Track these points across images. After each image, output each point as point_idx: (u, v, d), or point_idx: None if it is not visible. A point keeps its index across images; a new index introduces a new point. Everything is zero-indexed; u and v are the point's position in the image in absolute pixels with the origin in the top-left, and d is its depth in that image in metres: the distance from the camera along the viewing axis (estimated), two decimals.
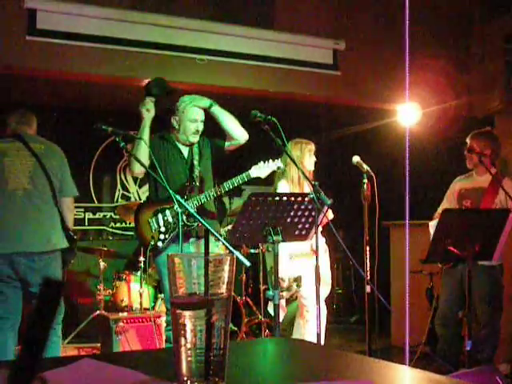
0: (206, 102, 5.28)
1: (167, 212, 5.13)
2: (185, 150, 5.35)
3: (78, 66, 6.83)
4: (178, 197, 4.18)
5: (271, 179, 6.22)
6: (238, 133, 5.33)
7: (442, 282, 5.99)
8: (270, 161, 5.55)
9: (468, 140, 5.97)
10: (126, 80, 7.39)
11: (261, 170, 5.43)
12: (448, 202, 6.08)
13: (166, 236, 5.08)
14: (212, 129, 5.41)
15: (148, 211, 5.17)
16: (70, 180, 5.49)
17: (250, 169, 5.39)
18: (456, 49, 8.58)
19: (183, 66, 7.15)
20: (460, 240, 4.80)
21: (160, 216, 5.12)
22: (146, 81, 7.35)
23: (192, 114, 5.25)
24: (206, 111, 5.30)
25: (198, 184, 5.24)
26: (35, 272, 5.03)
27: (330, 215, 5.97)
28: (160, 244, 5.09)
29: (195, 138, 5.29)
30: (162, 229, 5.10)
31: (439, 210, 6.15)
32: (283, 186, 5.97)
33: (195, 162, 5.29)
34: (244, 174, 5.29)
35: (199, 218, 3.85)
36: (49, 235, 5.13)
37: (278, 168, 5.58)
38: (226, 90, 7.57)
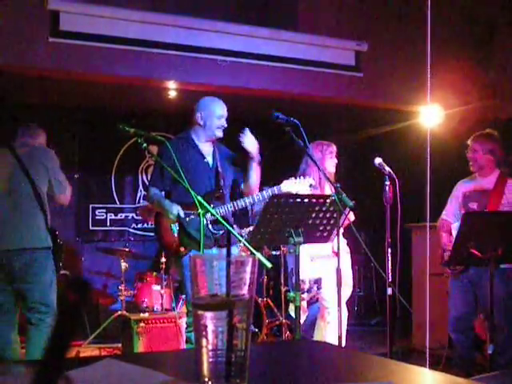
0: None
1: (192, 217, 5.03)
2: (208, 155, 5.29)
3: (101, 67, 6.86)
4: (203, 201, 4.19)
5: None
6: (255, 188, 5.37)
7: (451, 286, 5.94)
8: (302, 177, 5.53)
9: (470, 142, 5.94)
10: (149, 81, 7.42)
11: (292, 186, 5.40)
12: (452, 206, 6.04)
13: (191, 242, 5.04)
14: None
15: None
16: (60, 178, 5.54)
17: (275, 180, 5.37)
18: (480, 49, 8.53)
19: (205, 68, 7.16)
20: (482, 243, 4.77)
21: (184, 221, 5.04)
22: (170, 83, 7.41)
23: (219, 110, 5.22)
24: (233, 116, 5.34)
25: (224, 192, 5.20)
26: (16, 269, 5.23)
27: (352, 217, 5.96)
28: (182, 249, 5.04)
29: (220, 134, 5.24)
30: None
31: (443, 216, 6.13)
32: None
33: (220, 170, 5.25)
34: (275, 188, 5.28)
35: (223, 221, 3.86)
36: (26, 234, 5.26)
37: (310, 185, 5.54)
38: (248, 91, 7.57)
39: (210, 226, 4.94)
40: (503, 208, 5.69)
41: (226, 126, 5.26)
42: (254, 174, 5.29)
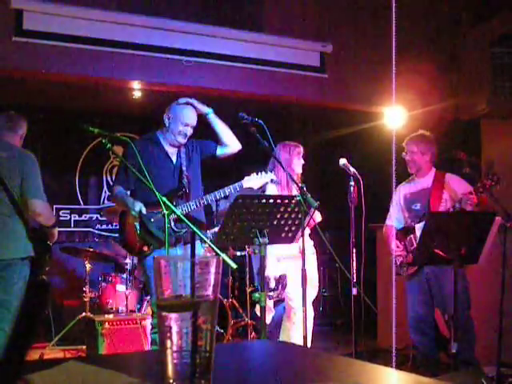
0: (205, 108, 5.28)
1: (158, 215, 4.97)
2: (173, 155, 5.28)
3: (64, 67, 6.80)
4: (166, 201, 4.16)
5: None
6: (232, 142, 5.33)
7: (408, 288, 5.99)
8: (263, 172, 5.53)
9: (406, 145, 6.02)
10: (112, 81, 7.38)
11: (254, 181, 5.40)
12: (394, 211, 6.11)
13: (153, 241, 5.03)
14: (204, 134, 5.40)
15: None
16: (35, 184, 5.23)
17: (241, 178, 5.37)
18: (442, 52, 8.62)
19: (170, 68, 7.14)
20: (446, 243, 4.82)
21: (146, 220, 4.98)
22: (135, 83, 7.38)
23: (186, 118, 5.19)
24: (201, 117, 5.28)
25: (187, 190, 5.17)
26: None
27: (319, 217, 5.98)
28: (145, 248, 5.01)
29: (183, 140, 5.22)
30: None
31: (387, 221, 6.20)
32: (271, 189, 5.97)
33: (184, 168, 5.23)
34: (236, 184, 5.26)
35: (187, 221, 3.84)
36: (3, 244, 4.98)
37: (272, 180, 5.55)
38: (213, 92, 7.56)
39: (172, 224, 4.92)
40: (446, 203, 5.78)
41: (189, 134, 5.24)
42: (218, 127, 5.32)
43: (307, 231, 5.62)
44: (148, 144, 5.24)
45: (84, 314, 7.18)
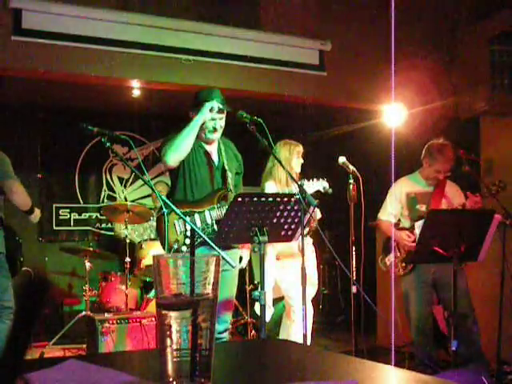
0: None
1: (196, 216, 4.85)
2: (214, 154, 5.10)
3: (64, 66, 6.79)
4: (167, 200, 4.15)
5: (258, 179, 6.23)
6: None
7: (409, 285, 6.00)
8: (315, 179, 5.52)
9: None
10: (112, 80, 7.37)
11: (310, 186, 5.35)
12: (393, 206, 6.11)
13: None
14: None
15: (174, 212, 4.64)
16: (6, 169, 5.50)
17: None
18: (441, 49, 8.61)
19: (169, 67, 7.13)
20: (445, 240, 4.82)
21: (188, 219, 4.64)
22: (134, 82, 7.37)
23: (210, 111, 4.98)
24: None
25: (232, 191, 4.99)
26: None
27: (318, 215, 5.99)
28: (184, 249, 4.82)
29: (214, 136, 5.03)
30: (189, 233, 4.80)
31: (382, 216, 6.20)
32: (271, 187, 5.97)
33: (227, 167, 5.08)
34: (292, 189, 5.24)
35: (188, 221, 3.82)
36: None
37: (324, 188, 5.51)
38: None
39: (214, 227, 4.79)
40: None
41: (219, 127, 5.01)
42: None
43: (306, 229, 5.62)
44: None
45: (84, 312, 7.19)
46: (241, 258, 5.11)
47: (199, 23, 7.24)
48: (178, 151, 4.82)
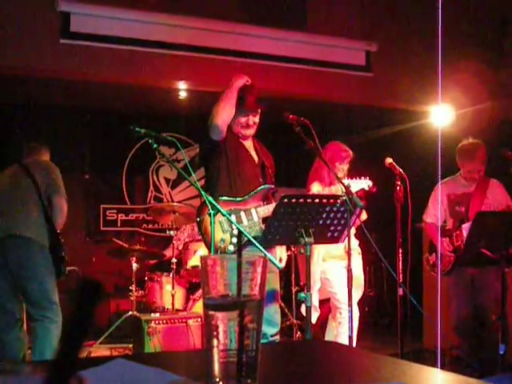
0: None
1: (242, 214, 4.78)
2: (251, 151, 5.08)
3: (111, 68, 6.87)
4: (213, 201, 4.15)
5: (300, 181, 6.22)
6: None
7: (451, 288, 5.95)
8: (362, 178, 5.51)
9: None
10: (159, 82, 7.43)
11: (352, 185, 5.35)
12: (436, 208, 6.06)
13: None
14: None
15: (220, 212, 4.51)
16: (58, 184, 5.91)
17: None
18: (490, 49, 8.49)
19: (215, 69, 7.16)
20: (493, 243, 4.77)
21: (234, 218, 4.61)
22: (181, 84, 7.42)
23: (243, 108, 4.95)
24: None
25: (276, 189, 4.97)
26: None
27: (364, 216, 5.96)
28: (231, 248, 4.70)
29: (247, 131, 5.01)
30: (235, 231, 4.68)
31: (427, 219, 6.14)
32: (316, 187, 5.95)
33: (266, 164, 5.07)
34: (333, 188, 5.23)
35: (233, 221, 3.82)
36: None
37: (368, 186, 5.50)
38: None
39: (261, 226, 4.72)
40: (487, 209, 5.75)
41: (251, 123, 4.99)
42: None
43: (353, 231, 5.60)
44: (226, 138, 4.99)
45: (130, 312, 7.25)
46: (280, 259, 5.07)
47: (245, 25, 7.26)
48: (223, 113, 4.81)
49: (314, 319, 5.68)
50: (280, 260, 5.05)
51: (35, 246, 5.48)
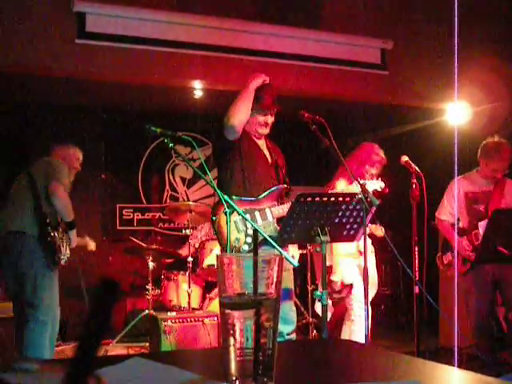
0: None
1: (256, 213, 4.77)
2: (265, 150, 5.07)
3: (127, 67, 6.88)
4: (229, 200, 4.14)
5: (317, 180, 6.21)
6: None
7: (469, 286, 5.93)
8: (375, 179, 5.50)
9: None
10: (174, 81, 7.44)
11: (368, 185, 5.33)
12: (452, 205, 6.03)
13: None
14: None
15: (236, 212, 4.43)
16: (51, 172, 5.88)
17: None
18: (508, 45, 8.44)
19: (231, 67, 7.16)
20: (510, 240, 4.75)
21: (248, 217, 4.55)
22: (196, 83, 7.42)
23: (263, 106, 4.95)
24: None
25: (291, 188, 4.96)
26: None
27: (381, 233, 5.94)
28: (246, 248, 4.69)
29: (263, 130, 5.01)
30: (250, 231, 4.66)
31: (442, 216, 6.11)
32: (341, 185, 5.91)
33: (280, 164, 5.06)
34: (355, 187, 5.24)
35: (249, 220, 3.81)
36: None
37: (380, 187, 5.49)
38: None
39: (275, 225, 4.72)
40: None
41: (270, 122, 5.00)
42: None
43: (368, 230, 5.59)
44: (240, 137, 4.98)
45: (147, 311, 7.28)
46: (292, 257, 5.05)
47: (260, 23, 7.25)
48: (239, 113, 4.80)
49: (329, 318, 5.68)
50: (292, 258, 5.04)
51: (27, 238, 5.53)
